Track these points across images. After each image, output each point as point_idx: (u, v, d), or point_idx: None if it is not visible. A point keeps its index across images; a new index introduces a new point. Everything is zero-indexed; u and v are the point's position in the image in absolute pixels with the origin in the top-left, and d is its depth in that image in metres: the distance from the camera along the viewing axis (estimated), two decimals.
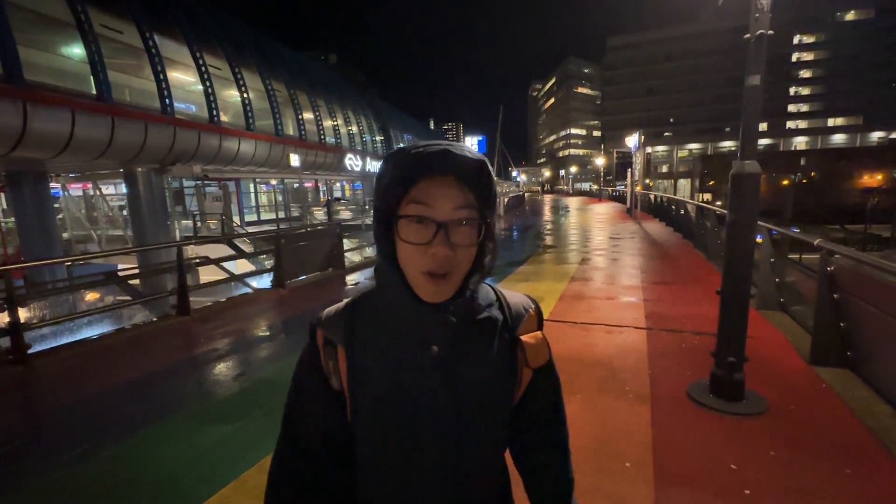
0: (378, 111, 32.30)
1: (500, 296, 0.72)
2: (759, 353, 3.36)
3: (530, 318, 0.72)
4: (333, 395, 0.67)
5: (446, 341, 0.64)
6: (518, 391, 0.72)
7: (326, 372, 0.67)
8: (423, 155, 0.58)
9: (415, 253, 0.59)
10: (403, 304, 0.63)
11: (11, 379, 3.60)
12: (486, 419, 0.67)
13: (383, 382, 0.64)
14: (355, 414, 0.67)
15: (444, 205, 0.59)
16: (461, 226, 0.59)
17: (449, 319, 0.62)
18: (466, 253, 0.61)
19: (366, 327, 0.67)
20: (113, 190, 19.58)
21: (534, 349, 0.69)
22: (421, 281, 0.60)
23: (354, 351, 0.66)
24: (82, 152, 10.58)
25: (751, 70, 2.42)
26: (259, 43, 19.85)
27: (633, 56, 68.80)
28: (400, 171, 0.60)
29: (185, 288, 5.26)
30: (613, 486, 2.05)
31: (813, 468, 2.14)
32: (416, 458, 0.65)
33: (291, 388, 0.71)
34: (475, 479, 0.69)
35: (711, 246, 7.77)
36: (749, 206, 2.59)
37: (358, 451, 0.69)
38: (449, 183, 0.59)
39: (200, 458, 2.43)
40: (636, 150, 19.22)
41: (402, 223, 0.60)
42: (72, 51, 11.02)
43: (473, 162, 0.59)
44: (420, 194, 0.59)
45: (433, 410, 0.64)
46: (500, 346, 0.68)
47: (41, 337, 4.99)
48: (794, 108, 60.78)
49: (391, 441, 0.65)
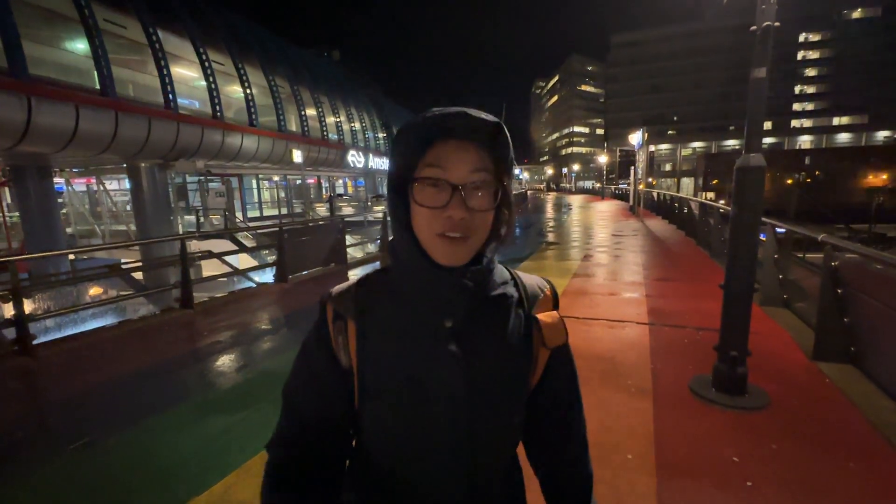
0: (381, 108, 32.29)
1: (514, 275, 0.71)
2: (761, 348, 3.35)
3: (546, 297, 0.71)
4: (340, 374, 0.65)
5: (461, 312, 0.62)
6: (534, 374, 0.69)
7: (335, 348, 0.65)
8: (439, 117, 0.57)
9: (429, 216, 0.58)
10: (418, 270, 0.61)
11: (17, 369, 3.63)
12: (499, 397, 0.64)
13: (394, 357, 0.62)
14: (363, 392, 0.64)
15: (460, 168, 0.58)
16: (477, 189, 0.58)
17: (465, 284, 0.60)
18: (483, 217, 0.59)
19: (377, 301, 0.65)
20: (116, 185, 19.64)
21: (551, 328, 0.67)
22: (435, 243, 0.59)
23: (365, 324, 0.64)
24: (86, 147, 10.63)
25: (757, 63, 2.41)
26: (262, 39, 19.85)
27: (637, 53, 68.49)
28: (416, 135, 0.58)
29: (189, 281, 5.28)
30: (615, 477, 2.05)
31: (815, 461, 2.14)
32: (427, 436, 0.62)
33: (296, 364, 0.69)
34: (487, 463, 0.66)
35: (715, 243, 7.74)
36: (754, 199, 2.58)
37: (364, 431, 0.66)
38: (465, 146, 0.58)
39: (205, 448, 2.44)
40: (640, 148, 19.15)
41: (417, 186, 0.59)
42: (76, 46, 11.06)
43: (490, 124, 0.58)
44: (435, 157, 0.58)
45: (446, 386, 0.61)
46: (516, 323, 0.66)
47: (46, 329, 5.02)
48: (798, 107, 60.44)
49: (401, 418, 0.62)
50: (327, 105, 23.58)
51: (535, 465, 0.77)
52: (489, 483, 0.67)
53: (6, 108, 8.71)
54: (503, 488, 0.71)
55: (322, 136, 22.28)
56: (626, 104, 69.82)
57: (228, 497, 2.00)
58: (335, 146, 23.43)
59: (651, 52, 67.44)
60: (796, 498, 1.90)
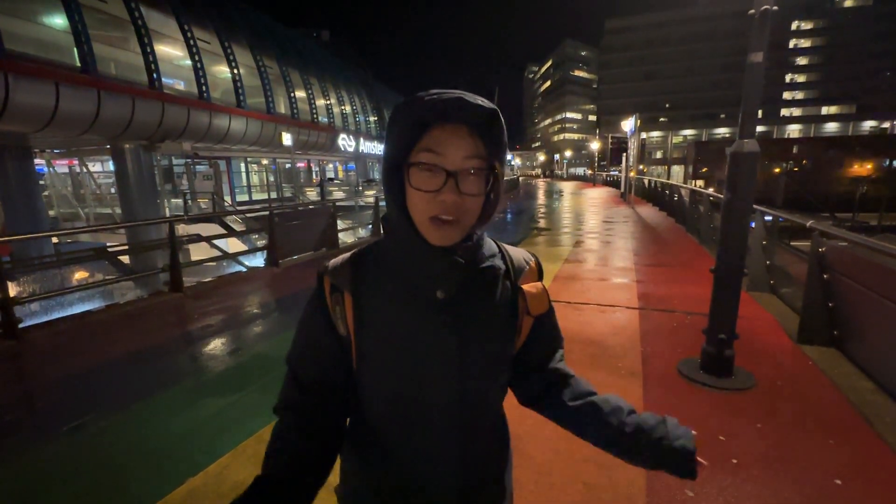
0: (372, 91, 31.75)
1: (502, 248, 0.75)
2: (748, 332, 3.42)
3: (531, 269, 0.76)
4: (338, 341, 0.69)
5: (452, 284, 0.66)
6: (519, 338, 0.74)
7: (333, 318, 0.68)
8: (437, 101, 0.58)
9: (424, 199, 0.60)
10: (412, 247, 0.64)
11: (3, 352, 3.57)
12: (488, 360, 0.69)
13: (389, 325, 0.66)
14: (361, 359, 0.68)
15: (454, 154, 0.59)
16: (470, 175, 0.60)
17: (456, 261, 0.64)
18: (474, 201, 0.62)
19: (372, 273, 0.68)
20: (100, 167, 19.15)
21: (535, 298, 0.72)
22: (428, 226, 0.62)
23: (361, 296, 0.67)
24: (68, 127, 10.31)
25: (753, 47, 2.40)
26: (249, 17, 19.28)
27: (631, 39, 68.04)
28: (413, 118, 0.60)
29: (178, 264, 5.21)
30: (606, 456, 2.09)
31: (797, 439, 2.22)
32: (421, 397, 0.67)
33: (296, 334, 0.72)
34: (477, 420, 0.71)
35: (704, 230, 7.84)
36: (747, 185, 2.61)
37: (362, 395, 0.71)
38: (461, 132, 0.60)
39: (198, 430, 2.44)
40: (632, 135, 19.17)
41: (413, 170, 0.61)
42: (54, 21, 10.63)
43: (486, 111, 0.59)
44: (432, 142, 0.60)
45: (438, 351, 0.65)
46: (503, 293, 0.71)
47: (32, 313, 4.94)
48: (788, 96, 60.84)
49: (396, 382, 0.67)
50: (317, 87, 23.12)
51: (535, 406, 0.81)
52: (479, 438, 0.72)
53: None
54: (492, 444, 0.76)
55: (312, 118, 21.88)
56: (619, 90, 69.58)
57: (224, 477, 2.01)
58: (325, 129, 23.05)
59: (644, 38, 67.05)
60: (779, 474, 1.97)
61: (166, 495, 1.91)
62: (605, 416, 0.73)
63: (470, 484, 0.71)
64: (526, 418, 2.55)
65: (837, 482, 1.91)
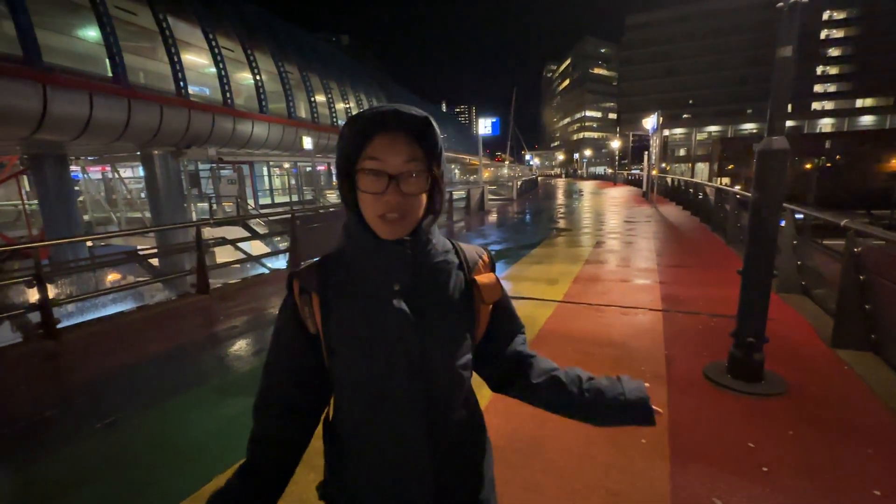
0: (391, 94, 32.01)
1: (455, 245, 0.83)
2: (778, 335, 3.31)
3: (483, 262, 0.83)
4: (309, 339, 0.75)
5: (406, 276, 0.73)
6: (479, 326, 0.81)
7: (303, 317, 0.75)
8: (376, 114, 0.67)
9: (371, 200, 0.69)
10: (366, 243, 0.72)
11: (43, 352, 3.74)
12: (447, 345, 0.75)
13: (353, 320, 0.72)
14: (331, 354, 0.74)
15: (394, 159, 0.67)
16: (411, 177, 0.68)
17: (405, 252, 0.72)
18: (416, 199, 0.70)
19: (336, 274, 0.75)
20: (131, 173, 19.88)
21: (488, 287, 0.79)
22: (377, 223, 0.70)
23: (327, 295, 0.73)
24: (101, 134, 10.73)
25: (783, 40, 2.32)
26: (271, 24, 19.70)
27: (653, 35, 66.63)
28: (356, 129, 0.68)
29: (205, 267, 5.36)
30: (629, 462, 2.06)
31: (833, 448, 2.13)
32: (389, 384, 0.71)
33: (272, 336, 0.79)
34: (443, 402, 0.75)
35: (730, 229, 7.61)
36: (775, 183, 2.52)
37: (336, 386, 0.76)
38: (399, 139, 0.68)
39: (224, 428, 2.51)
40: (654, 133, 18.76)
41: (359, 176, 0.69)
42: (88, 33, 11.08)
43: (419, 118, 0.68)
44: (374, 150, 0.68)
45: (400, 339, 0.71)
46: (457, 284, 0.77)
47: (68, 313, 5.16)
48: (820, 89, 58.44)
49: (363, 372, 0.72)
50: (336, 91, 23.44)
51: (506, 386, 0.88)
52: (448, 423, 0.76)
53: (23, 96, 8.81)
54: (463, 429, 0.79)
55: (332, 122, 22.19)
56: (640, 87, 68.22)
57: None
58: None
59: (667, 34, 65.56)
60: (813, 483, 1.89)
61: (195, 492, 1.97)
62: (567, 387, 0.82)
63: (444, 471, 0.74)
64: (546, 422, 2.54)
65: (876, 493, 1.83)
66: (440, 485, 0.74)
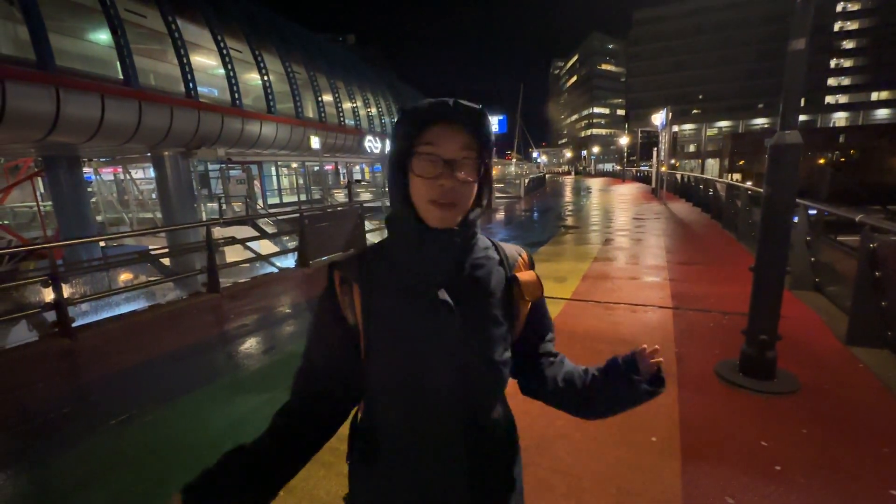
0: (397, 93, 32.02)
1: (495, 243, 0.84)
2: (791, 332, 3.26)
3: (523, 261, 0.84)
4: (347, 330, 0.75)
5: (450, 269, 0.73)
6: (518, 322, 0.81)
7: (342, 308, 0.75)
8: (433, 104, 0.70)
9: (425, 185, 0.70)
10: (415, 231, 0.72)
11: (59, 350, 3.82)
12: (486, 340, 0.74)
13: (394, 312, 0.72)
14: (368, 347, 0.73)
15: (450, 145, 0.70)
16: (464, 164, 0.70)
17: (454, 240, 0.72)
18: (468, 187, 0.71)
19: (378, 266, 0.75)
20: (142, 174, 20.13)
21: (529, 285, 0.79)
22: (429, 208, 0.70)
23: (369, 286, 0.74)
24: (112, 136, 10.88)
25: (795, 33, 2.28)
26: (278, 25, 19.80)
27: (661, 30, 65.81)
28: (415, 118, 0.70)
29: (215, 266, 5.42)
30: (639, 459, 2.05)
31: (847, 446, 2.09)
32: (425, 383, 0.71)
33: (309, 325, 0.80)
34: (480, 398, 0.75)
35: (742, 226, 7.51)
36: (788, 179, 2.48)
37: (372, 380, 0.75)
38: (455, 128, 0.70)
39: (236, 425, 2.54)
40: (663, 129, 18.56)
41: (415, 160, 0.70)
42: (99, 36, 11.24)
43: (475, 110, 0.70)
44: (431, 137, 0.70)
45: (440, 332, 0.71)
46: (498, 280, 0.78)
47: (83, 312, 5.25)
48: (834, 82, 57.27)
49: (401, 367, 0.72)
50: (343, 90, 23.50)
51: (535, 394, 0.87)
52: (484, 427, 0.76)
53: (36, 99, 8.96)
54: (497, 433, 0.79)
55: (339, 122, 22.27)
56: (648, 83, 67.47)
57: None
58: (352, 132, 23.42)
59: (675, 28, 64.68)
60: (827, 483, 1.87)
61: None
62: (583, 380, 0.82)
63: (477, 474, 0.74)
64: (555, 419, 2.53)
65: (893, 493, 1.80)
66: (474, 487, 0.74)
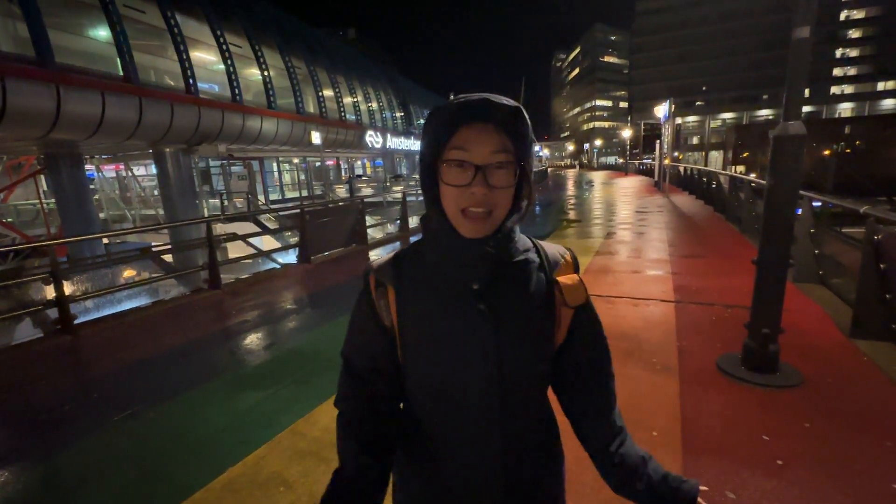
0: (398, 87, 31.87)
1: (536, 244, 0.78)
2: (795, 325, 3.24)
3: (566, 263, 0.77)
4: (384, 332, 0.73)
5: (486, 276, 0.69)
6: (559, 330, 0.74)
7: (378, 311, 0.73)
8: (464, 104, 0.64)
9: (455, 193, 0.65)
10: (446, 239, 0.68)
11: (60, 347, 3.84)
12: (524, 348, 0.71)
13: (429, 316, 0.70)
14: (405, 349, 0.72)
15: (481, 150, 0.64)
16: (498, 168, 0.64)
17: (488, 251, 0.68)
18: (504, 194, 0.66)
19: (413, 269, 0.73)
20: (144, 171, 20.17)
21: (571, 289, 0.73)
22: (460, 218, 0.66)
23: (403, 289, 0.72)
24: (113, 133, 10.88)
25: (799, 21, 2.23)
26: (278, 19, 19.70)
27: (665, 21, 65.09)
28: (443, 120, 0.65)
29: (216, 262, 5.42)
30: None
31: (850, 440, 2.08)
32: (462, 383, 0.69)
33: (348, 330, 0.78)
34: (517, 408, 0.72)
35: (745, 218, 7.46)
36: (791, 170, 2.45)
37: (408, 384, 0.74)
38: (487, 129, 0.64)
39: (237, 421, 2.55)
40: (666, 121, 18.41)
41: (444, 168, 0.65)
42: (98, 33, 11.21)
43: (510, 108, 0.63)
44: (460, 141, 0.64)
45: (476, 339, 0.68)
46: (538, 284, 0.73)
47: (85, 309, 5.27)
48: (839, 72, 56.60)
49: (437, 371, 0.70)
50: (344, 85, 23.41)
51: (568, 415, 0.81)
52: (521, 428, 0.73)
53: (37, 97, 8.96)
54: (536, 435, 0.76)
55: (340, 117, 22.21)
56: (651, 75, 66.85)
57: (260, 468, 2.09)
58: (353, 127, 23.35)
59: (679, 19, 63.95)
60: (829, 477, 1.85)
61: (208, 483, 2.00)
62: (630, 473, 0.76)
63: (513, 477, 0.72)
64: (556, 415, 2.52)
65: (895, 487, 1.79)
66: (509, 494, 0.73)
